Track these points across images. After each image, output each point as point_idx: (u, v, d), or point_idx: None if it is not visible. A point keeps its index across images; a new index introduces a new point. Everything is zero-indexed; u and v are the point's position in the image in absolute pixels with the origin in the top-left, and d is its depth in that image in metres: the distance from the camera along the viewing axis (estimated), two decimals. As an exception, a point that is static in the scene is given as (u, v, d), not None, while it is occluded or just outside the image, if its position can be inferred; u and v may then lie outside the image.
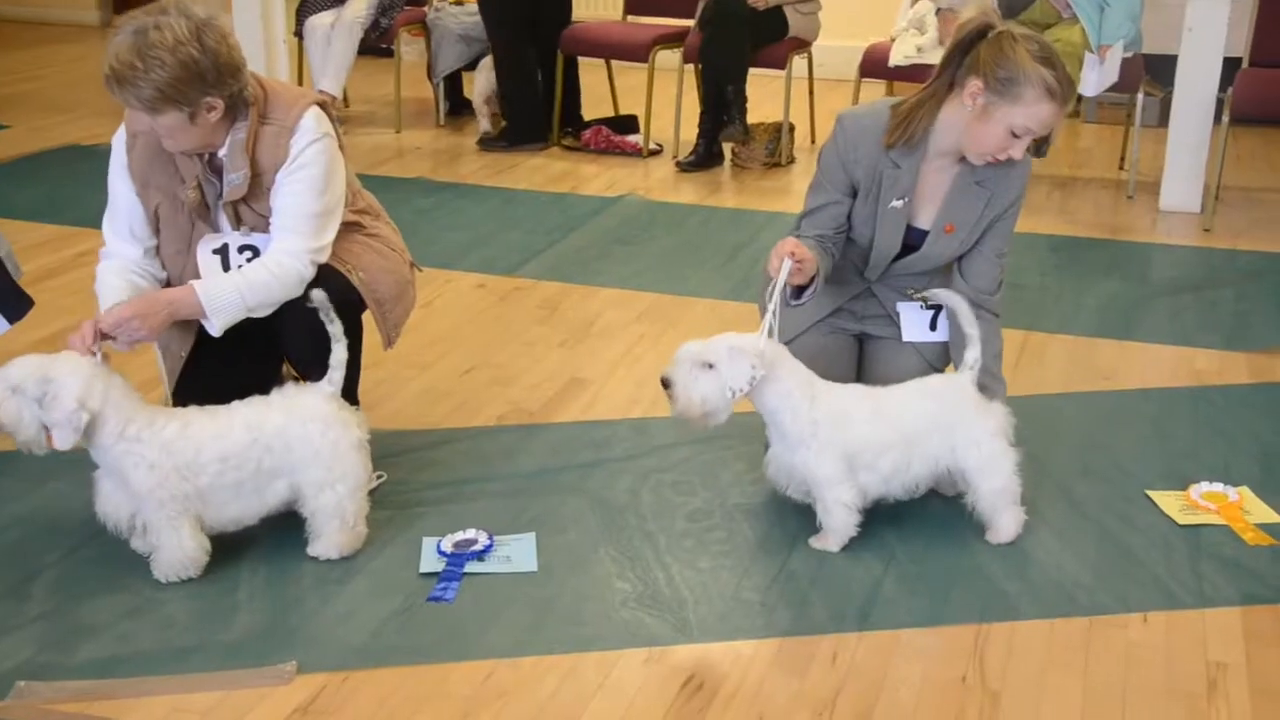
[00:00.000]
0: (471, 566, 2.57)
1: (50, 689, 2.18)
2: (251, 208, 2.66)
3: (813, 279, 2.65)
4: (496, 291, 4.17)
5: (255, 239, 2.67)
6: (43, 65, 7.67)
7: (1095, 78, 5.02)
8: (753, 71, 5.68)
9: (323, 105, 2.69)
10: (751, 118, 5.73)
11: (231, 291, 2.59)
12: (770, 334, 2.56)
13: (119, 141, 2.66)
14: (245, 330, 2.70)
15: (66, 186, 5.12)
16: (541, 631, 2.38)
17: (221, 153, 2.61)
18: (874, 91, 5.42)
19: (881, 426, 2.59)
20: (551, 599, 2.48)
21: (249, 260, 2.65)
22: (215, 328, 2.61)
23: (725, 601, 2.49)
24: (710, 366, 2.51)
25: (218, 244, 2.67)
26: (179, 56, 2.44)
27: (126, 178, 2.65)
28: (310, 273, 2.65)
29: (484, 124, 6.17)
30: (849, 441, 2.57)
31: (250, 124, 2.59)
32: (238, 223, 2.67)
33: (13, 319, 2.92)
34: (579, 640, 2.36)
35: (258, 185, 2.63)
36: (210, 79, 2.49)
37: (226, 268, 2.66)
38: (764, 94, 6.06)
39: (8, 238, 3.07)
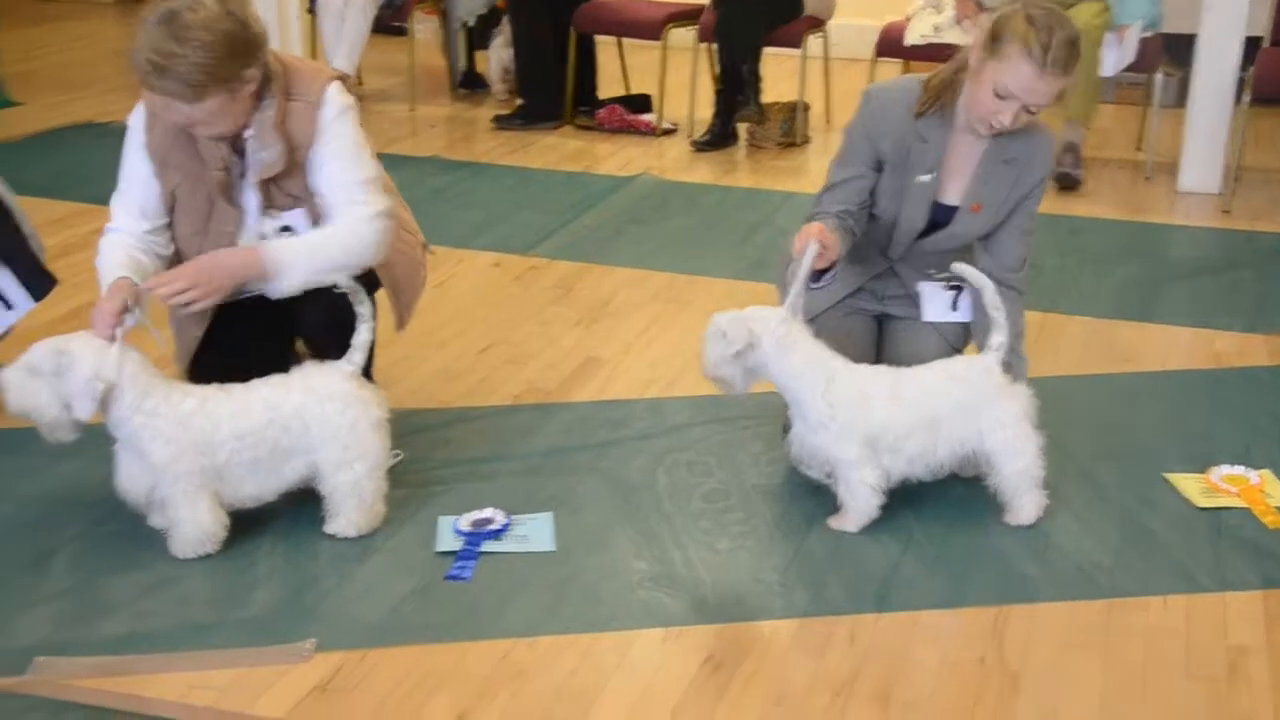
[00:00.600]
0: (488, 545, 2.56)
1: (69, 665, 2.18)
2: (281, 187, 2.64)
3: (833, 264, 2.64)
4: (511, 271, 4.16)
5: (287, 219, 2.65)
6: (55, 42, 7.65)
7: (1114, 57, 4.98)
8: (767, 50, 5.65)
9: (340, 80, 2.68)
10: (766, 97, 5.70)
11: (302, 254, 2.58)
12: (793, 312, 2.56)
13: (137, 120, 2.64)
14: (260, 310, 2.70)
15: (81, 163, 5.11)
16: (559, 611, 2.38)
17: (248, 132, 2.59)
18: (890, 71, 5.39)
19: (904, 410, 2.57)
20: (568, 578, 2.48)
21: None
22: (280, 291, 2.59)
23: (743, 582, 2.48)
24: (724, 335, 2.54)
25: (254, 238, 2.65)
26: (216, 33, 2.41)
27: (145, 157, 2.63)
28: (379, 238, 2.63)
29: (498, 91, 6.19)
30: (870, 424, 2.56)
31: (277, 100, 2.57)
32: (267, 202, 2.65)
33: (38, 296, 2.92)
34: (596, 620, 2.36)
35: (290, 162, 2.62)
36: (248, 50, 2.47)
37: None
38: (779, 73, 6.03)
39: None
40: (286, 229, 2.64)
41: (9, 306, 2.89)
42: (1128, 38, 4.98)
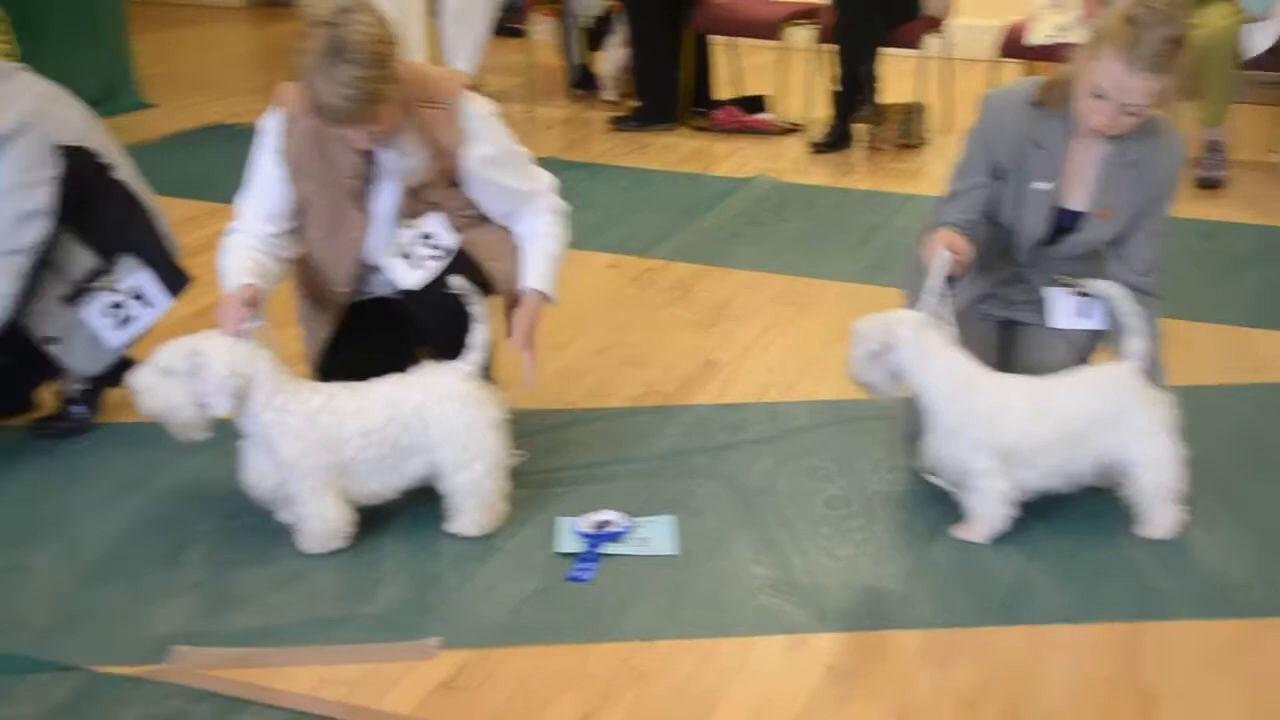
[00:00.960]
0: (609, 548, 2.57)
1: (205, 655, 2.23)
2: (420, 194, 2.67)
3: (963, 271, 2.60)
4: (629, 272, 4.17)
5: (425, 225, 2.69)
6: (187, 46, 7.87)
7: (1260, 38, 4.85)
8: (885, 51, 5.58)
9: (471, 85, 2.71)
10: (883, 98, 5.64)
11: (552, 266, 2.77)
12: (933, 318, 2.55)
13: (272, 125, 2.68)
14: (383, 311, 2.74)
15: (211, 164, 5.24)
16: (679, 615, 2.38)
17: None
18: (1013, 72, 5.29)
19: (1043, 424, 2.52)
20: (688, 583, 2.47)
21: (433, 249, 2.68)
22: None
23: (865, 590, 2.45)
24: (862, 336, 2.56)
25: (396, 251, 2.69)
26: (381, 40, 2.44)
27: (279, 162, 2.67)
28: (566, 209, 2.85)
29: (611, 96, 6.20)
30: (1007, 436, 2.52)
31: (414, 108, 2.60)
32: (405, 210, 2.68)
33: (174, 293, 3.00)
34: (717, 625, 2.35)
35: (435, 169, 2.65)
36: (396, 40, 2.51)
37: (414, 265, 2.69)
38: (896, 74, 5.95)
39: (157, 214, 3.15)
40: (427, 236, 2.67)
41: (149, 304, 2.97)
42: (1269, 21, 4.85)
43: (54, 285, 2.90)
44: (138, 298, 2.98)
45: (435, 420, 2.54)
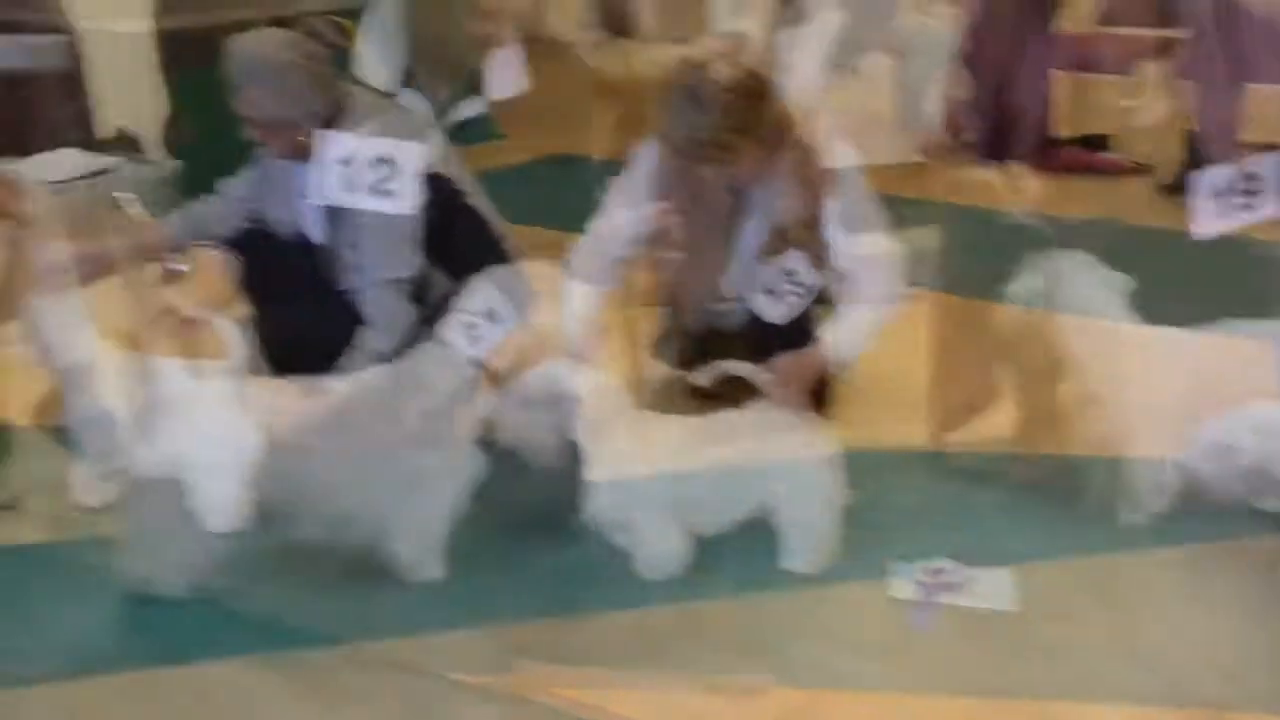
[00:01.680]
0: (944, 597, 2.50)
1: (547, 672, 2.31)
2: (785, 233, 2.72)
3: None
4: (964, 313, 4.06)
5: (789, 262, 2.73)
6: (534, 78, 8.24)
7: None
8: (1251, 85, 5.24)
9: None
10: (1245, 137, 5.28)
11: (857, 331, 2.74)
12: None
13: (647, 155, 2.76)
14: (728, 345, 2.79)
15: (554, 193, 5.45)
16: (1017, 672, 2.29)
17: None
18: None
19: None
20: (1026, 639, 2.38)
21: (795, 285, 2.71)
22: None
23: (1221, 665, 2.29)
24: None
25: (760, 286, 2.75)
26: (749, 92, 2.50)
27: (647, 193, 2.75)
28: (900, 289, 2.83)
29: (941, 129, 6.11)
30: None
31: (785, 147, 2.64)
32: (769, 247, 2.73)
33: (522, 312, 3.13)
34: (1059, 687, 2.25)
35: (804, 208, 2.69)
36: (766, 93, 2.58)
37: (776, 300, 2.74)
38: (1260, 110, 5.57)
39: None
40: (789, 272, 2.70)
41: (499, 323, 3.10)
42: None
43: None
44: (488, 317, 3.12)
45: (772, 456, 2.55)
